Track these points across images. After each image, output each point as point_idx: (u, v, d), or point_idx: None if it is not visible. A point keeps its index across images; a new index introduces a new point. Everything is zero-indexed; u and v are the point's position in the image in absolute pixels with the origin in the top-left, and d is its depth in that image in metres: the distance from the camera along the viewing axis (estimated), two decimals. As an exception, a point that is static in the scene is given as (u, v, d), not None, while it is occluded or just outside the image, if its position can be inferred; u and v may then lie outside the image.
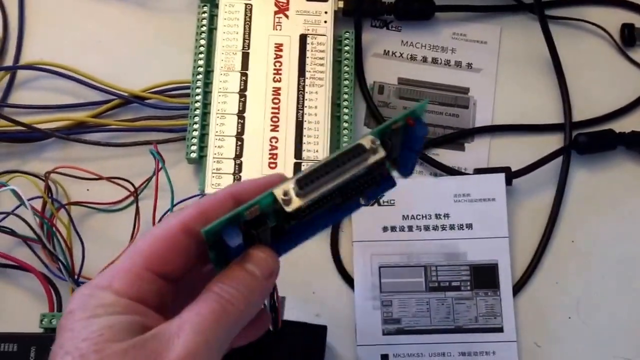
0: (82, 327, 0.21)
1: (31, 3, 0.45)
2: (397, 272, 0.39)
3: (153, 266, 0.23)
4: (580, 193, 0.42)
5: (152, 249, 0.23)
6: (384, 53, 0.45)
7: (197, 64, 0.41)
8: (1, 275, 0.38)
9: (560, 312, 0.40)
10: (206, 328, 0.21)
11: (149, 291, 0.22)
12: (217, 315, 0.22)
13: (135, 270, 0.22)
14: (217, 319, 0.22)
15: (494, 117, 0.44)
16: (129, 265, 0.22)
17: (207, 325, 0.21)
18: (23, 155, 0.41)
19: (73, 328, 0.21)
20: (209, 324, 0.21)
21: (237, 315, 0.23)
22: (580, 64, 0.45)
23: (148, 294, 0.22)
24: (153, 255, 0.23)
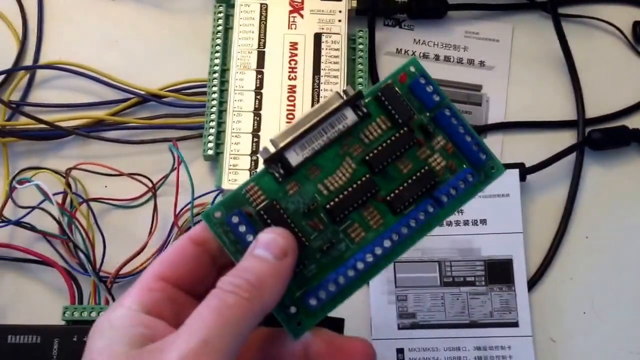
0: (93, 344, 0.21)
1: (50, 4, 0.46)
2: (412, 267, 0.39)
3: (164, 274, 0.23)
4: (594, 189, 0.42)
5: (162, 259, 0.23)
6: (396, 51, 0.46)
7: (214, 63, 0.42)
8: (22, 270, 0.39)
9: (575, 308, 0.40)
10: (201, 327, 0.20)
11: (161, 301, 0.22)
12: (217, 312, 0.20)
13: (145, 282, 0.22)
14: (217, 315, 0.20)
15: (506, 114, 0.44)
16: (141, 279, 0.23)
17: (202, 324, 0.20)
18: (43, 153, 0.42)
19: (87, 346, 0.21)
20: (206, 322, 0.20)
21: (245, 306, 0.21)
22: (593, 61, 0.45)
23: (160, 304, 0.22)
24: (163, 263, 0.23)
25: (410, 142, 0.24)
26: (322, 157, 0.24)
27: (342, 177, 0.24)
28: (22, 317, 0.38)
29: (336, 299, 0.24)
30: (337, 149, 0.24)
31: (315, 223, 0.24)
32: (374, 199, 0.24)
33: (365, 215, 0.24)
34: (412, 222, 0.24)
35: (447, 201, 0.24)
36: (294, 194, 0.24)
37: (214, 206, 0.23)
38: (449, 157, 0.25)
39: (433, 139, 0.25)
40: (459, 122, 0.25)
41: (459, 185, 0.25)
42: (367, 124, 0.24)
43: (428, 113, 0.25)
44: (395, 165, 0.25)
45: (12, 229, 0.39)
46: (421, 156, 0.25)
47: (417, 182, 0.24)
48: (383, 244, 0.24)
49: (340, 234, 0.24)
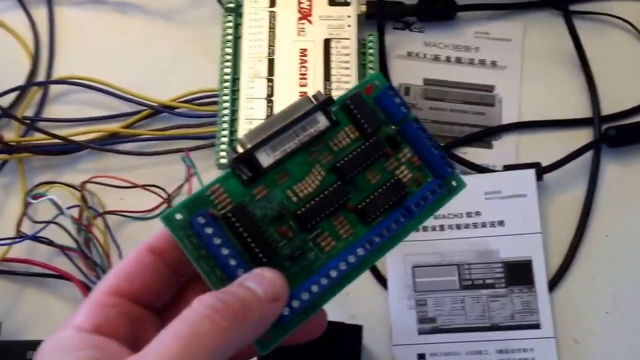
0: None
1: (60, 19, 0.47)
2: (431, 271, 0.39)
3: (119, 288, 0.20)
4: (612, 186, 0.42)
5: (116, 271, 0.21)
6: (407, 55, 0.46)
7: (224, 72, 0.42)
8: (41, 285, 0.39)
9: (598, 307, 0.39)
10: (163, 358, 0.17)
11: (114, 318, 0.20)
12: (184, 341, 0.17)
13: (97, 298, 0.20)
14: (184, 346, 0.17)
15: (520, 113, 0.44)
16: (92, 295, 0.20)
17: (165, 354, 0.17)
18: (58, 167, 0.42)
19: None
20: (169, 353, 0.17)
21: (219, 337, 0.18)
22: (606, 58, 0.45)
23: (113, 322, 0.20)
24: (118, 276, 0.21)
25: (379, 153, 0.25)
26: (291, 163, 0.23)
27: (311, 184, 0.24)
28: (41, 332, 0.38)
29: (307, 311, 0.22)
30: (305, 156, 0.24)
31: (285, 230, 0.23)
32: (344, 208, 0.24)
33: (335, 224, 0.24)
34: (385, 231, 0.24)
35: (417, 211, 0.24)
36: (261, 199, 0.23)
37: (175, 207, 0.21)
38: (415, 170, 0.25)
39: (400, 151, 0.25)
40: (425, 135, 0.25)
41: (428, 195, 0.25)
42: (335, 133, 0.24)
43: (394, 126, 0.25)
44: (364, 176, 0.24)
45: (30, 244, 0.39)
46: (389, 167, 0.25)
47: (387, 192, 0.24)
48: (356, 252, 0.23)
49: (310, 242, 0.23)
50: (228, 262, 0.21)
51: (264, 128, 0.23)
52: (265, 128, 0.23)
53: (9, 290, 0.39)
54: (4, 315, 0.38)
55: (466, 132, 0.43)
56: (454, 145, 0.43)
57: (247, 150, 0.22)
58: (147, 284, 0.21)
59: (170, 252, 0.22)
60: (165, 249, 0.21)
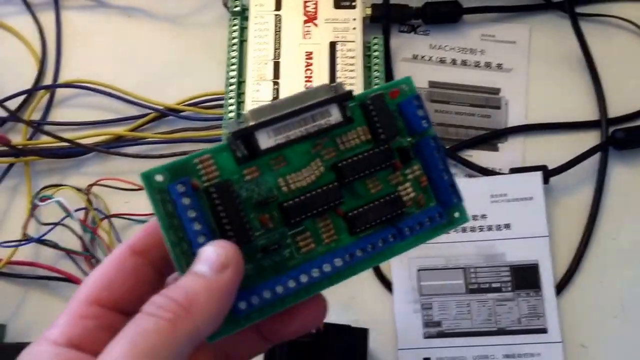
0: None
1: (67, 23, 0.47)
2: (436, 275, 0.39)
3: (98, 296, 0.19)
4: (619, 189, 0.41)
5: (96, 278, 0.20)
6: (413, 57, 0.45)
7: (230, 75, 0.42)
8: (46, 288, 0.39)
9: (606, 312, 0.39)
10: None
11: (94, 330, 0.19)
12: (130, 343, 0.17)
13: (75, 309, 0.19)
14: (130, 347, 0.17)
15: (527, 116, 0.44)
16: (71, 305, 0.19)
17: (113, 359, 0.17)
18: (65, 170, 0.42)
19: None
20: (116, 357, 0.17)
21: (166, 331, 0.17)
22: (613, 60, 0.44)
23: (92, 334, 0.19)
24: (97, 283, 0.19)
25: (387, 163, 0.23)
26: (291, 150, 0.22)
27: (306, 178, 0.22)
28: (47, 334, 0.38)
29: (265, 310, 0.21)
30: (308, 146, 0.22)
31: (266, 219, 0.21)
32: (334, 212, 0.22)
33: (320, 227, 0.22)
34: (369, 247, 0.22)
35: (409, 235, 0.22)
36: (250, 180, 0.21)
37: (157, 168, 0.20)
38: (420, 190, 0.23)
39: (409, 166, 0.23)
40: (440, 156, 0.23)
41: (425, 221, 0.23)
42: (346, 130, 0.22)
43: (410, 138, 0.23)
44: (364, 183, 0.23)
45: (35, 246, 0.39)
46: (393, 181, 0.23)
47: (383, 206, 0.22)
48: (334, 262, 0.21)
49: (289, 238, 0.22)
50: (196, 238, 0.20)
51: (272, 108, 0.21)
52: (274, 108, 0.21)
53: (14, 293, 0.39)
54: (9, 317, 0.39)
55: (472, 134, 0.43)
56: (459, 148, 0.42)
57: (248, 127, 0.21)
58: (129, 290, 0.20)
59: (154, 251, 0.20)
60: (148, 248, 0.20)
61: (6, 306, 0.39)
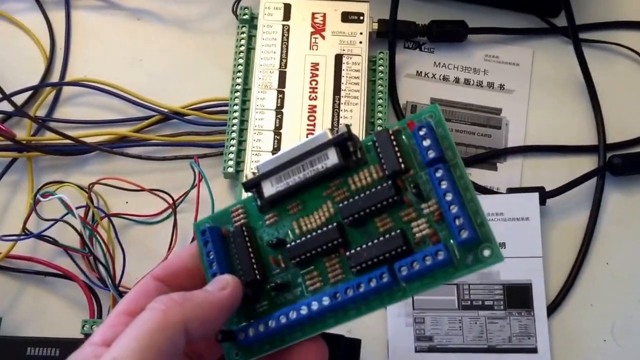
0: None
1: (77, 22, 0.47)
2: (430, 290, 0.39)
3: (128, 308, 0.23)
4: (614, 214, 0.42)
5: (125, 297, 0.24)
6: (416, 74, 0.46)
7: (235, 82, 0.43)
8: (43, 283, 0.40)
9: (596, 335, 0.39)
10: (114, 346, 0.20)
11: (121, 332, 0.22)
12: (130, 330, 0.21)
13: (109, 319, 0.23)
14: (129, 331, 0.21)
15: (526, 137, 0.44)
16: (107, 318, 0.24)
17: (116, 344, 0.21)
18: (67, 168, 0.43)
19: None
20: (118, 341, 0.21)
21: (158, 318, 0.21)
22: (614, 87, 0.45)
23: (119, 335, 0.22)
24: (126, 299, 0.24)
25: (391, 198, 0.21)
26: (308, 195, 0.23)
27: (316, 220, 0.23)
28: (41, 329, 0.38)
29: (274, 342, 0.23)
30: (322, 190, 0.23)
31: (277, 260, 0.23)
32: (340, 250, 0.22)
33: (327, 267, 0.22)
34: (354, 288, 0.21)
35: (401, 276, 0.20)
36: (270, 225, 0.24)
37: (203, 220, 0.25)
38: (436, 224, 0.21)
39: (425, 201, 0.21)
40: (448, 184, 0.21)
41: (423, 260, 0.20)
42: (358, 170, 0.22)
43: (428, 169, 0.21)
44: (372, 221, 0.22)
45: (34, 242, 0.39)
46: (405, 217, 0.21)
47: (382, 243, 0.21)
48: (321, 300, 0.21)
49: (300, 277, 0.23)
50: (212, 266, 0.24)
51: (279, 158, 0.23)
52: (279, 158, 0.23)
53: (11, 287, 0.39)
54: (5, 310, 0.39)
55: (471, 153, 0.44)
56: (459, 166, 0.43)
57: (254, 178, 0.24)
58: None
59: (172, 280, 0.24)
60: (168, 277, 0.24)
61: (2, 299, 0.39)
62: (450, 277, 0.21)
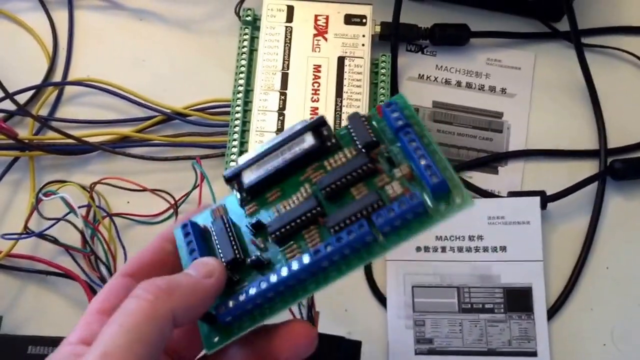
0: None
1: (80, 22, 0.47)
2: (430, 292, 0.39)
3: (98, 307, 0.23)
4: (615, 219, 0.42)
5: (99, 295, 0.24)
6: (418, 77, 0.46)
7: (238, 83, 0.43)
8: (44, 282, 0.40)
9: (595, 339, 0.39)
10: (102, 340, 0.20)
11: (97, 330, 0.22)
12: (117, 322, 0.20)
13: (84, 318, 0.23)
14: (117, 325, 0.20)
15: (527, 141, 0.44)
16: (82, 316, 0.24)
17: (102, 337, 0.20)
18: (69, 167, 0.43)
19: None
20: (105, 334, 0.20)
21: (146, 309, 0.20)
22: (615, 92, 0.45)
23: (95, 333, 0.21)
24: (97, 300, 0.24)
25: (365, 165, 0.22)
26: (286, 183, 0.24)
27: (295, 202, 0.23)
28: (42, 328, 0.38)
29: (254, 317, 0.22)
30: (300, 175, 0.24)
31: (255, 241, 0.24)
32: (317, 222, 0.23)
33: (305, 237, 0.23)
34: (337, 241, 0.21)
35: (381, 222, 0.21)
36: (251, 214, 0.24)
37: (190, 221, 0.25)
38: (408, 184, 0.22)
39: (398, 167, 0.22)
40: (417, 142, 0.22)
41: (398, 206, 0.21)
42: (334, 153, 0.24)
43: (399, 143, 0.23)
44: (348, 191, 0.23)
45: (35, 241, 0.39)
46: (379, 183, 0.22)
47: (359, 202, 0.22)
48: (301, 260, 0.22)
49: (279, 254, 0.23)
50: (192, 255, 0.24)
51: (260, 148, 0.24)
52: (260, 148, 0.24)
53: (12, 285, 0.40)
54: (6, 309, 0.39)
55: (473, 156, 0.44)
56: (460, 169, 0.43)
57: (234, 169, 0.24)
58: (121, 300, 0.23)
59: (142, 274, 0.24)
60: (137, 272, 0.24)
61: (3, 298, 0.39)
62: (425, 226, 0.21)
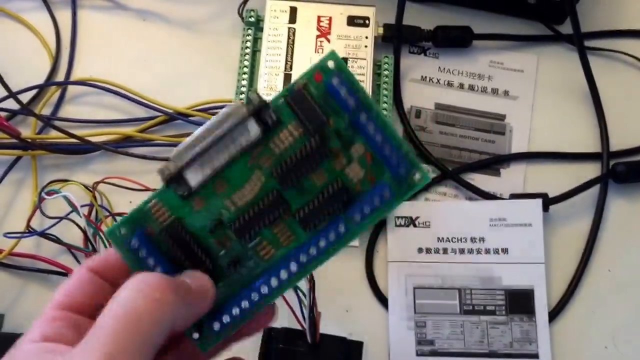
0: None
1: (83, 22, 0.47)
2: (432, 294, 0.39)
3: (64, 302, 0.22)
4: (617, 222, 0.42)
5: (61, 288, 0.23)
6: (421, 79, 0.46)
7: (241, 84, 0.43)
8: (46, 281, 0.40)
9: (597, 342, 0.39)
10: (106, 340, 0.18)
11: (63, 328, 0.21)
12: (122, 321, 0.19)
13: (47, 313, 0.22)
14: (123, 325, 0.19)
15: (530, 144, 0.44)
16: (43, 312, 0.22)
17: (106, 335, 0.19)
18: (71, 166, 0.43)
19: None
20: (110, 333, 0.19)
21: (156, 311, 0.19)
22: (617, 95, 0.45)
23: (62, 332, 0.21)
24: (61, 292, 0.23)
25: (323, 152, 0.22)
26: (230, 170, 0.22)
27: (250, 192, 0.22)
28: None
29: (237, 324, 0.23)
30: (245, 161, 0.22)
31: (221, 240, 0.23)
32: (284, 216, 0.22)
33: (275, 232, 0.23)
34: (322, 241, 0.22)
35: (360, 219, 0.22)
36: (199, 210, 0.23)
37: (119, 223, 0.23)
38: (368, 166, 0.22)
39: (351, 146, 0.22)
40: (379, 124, 0.22)
41: (374, 200, 0.22)
42: (277, 132, 0.22)
43: (347, 115, 0.22)
44: (308, 178, 0.22)
45: (37, 240, 0.39)
46: (337, 167, 0.22)
47: (329, 199, 0.22)
48: (289, 267, 0.22)
49: (249, 251, 0.23)
50: None
51: (194, 142, 0.22)
52: (195, 142, 0.22)
53: (14, 284, 0.40)
54: (7, 307, 0.39)
55: (475, 158, 0.44)
56: (462, 171, 0.43)
57: (176, 171, 0.22)
58: (87, 297, 0.22)
59: (108, 273, 0.23)
60: (103, 270, 0.23)
61: (5, 297, 0.39)
62: (391, 209, 0.22)
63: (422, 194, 0.43)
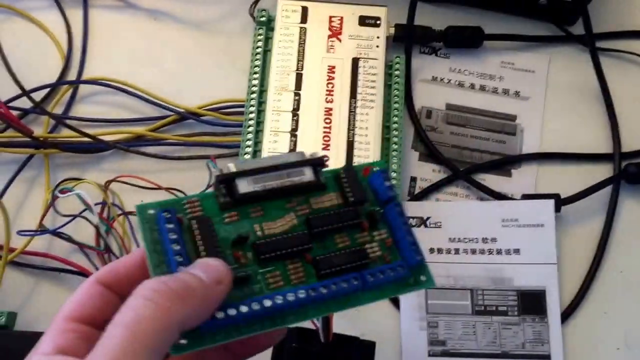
0: None
1: (94, 21, 0.48)
2: (444, 294, 0.39)
3: (75, 314, 0.22)
4: (629, 223, 0.42)
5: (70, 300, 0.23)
6: (432, 79, 0.46)
7: (252, 84, 0.43)
8: (58, 280, 0.40)
9: (609, 343, 0.39)
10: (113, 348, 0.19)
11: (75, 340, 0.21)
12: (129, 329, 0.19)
13: (57, 325, 0.22)
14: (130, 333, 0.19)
15: (541, 144, 0.44)
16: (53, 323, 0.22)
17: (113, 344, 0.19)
18: (83, 165, 0.43)
19: None
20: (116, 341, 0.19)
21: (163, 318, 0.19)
22: (629, 96, 0.45)
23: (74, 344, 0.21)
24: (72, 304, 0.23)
25: (354, 221, 0.25)
26: (270, 204, 0.24)
27: (280, 227, 0.24)
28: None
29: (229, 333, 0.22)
30: (285, 202, 0.25)
31: (239, 255, 0.23)
32: (304, 257, 0.24)
33: (289, 268, 0.24)
34: (333, 286, 0.23)
35: (371, 281, 0.24)
36: (229, 223, 0.24)
37: (151, 203, 0.23)
38: (386, 249, 0.25)
39: (376, 230, 0.25)
40: (402, 220, 0.25)
41: (388, 272, 0.24)
42: (320, 194, 0.25)
43: (379, 208, 0.26)
44: (332, 237, 0.25)
45: (49, 238, 0.39)
46: (360, 239, 0.25)
47: (349, 255, 0.24)
48: (297, 293, 0.23)
49: (259, 275, 0.23)
50: (174, 258, 0.22)
51: (255, 162, 0.25)
52: (256, 162, 0.25)
53: (26, 282, 0.40)
54: (20, 306, 0.39)
55: (486, 159, 0.44)
56: (473, 171, 0.43)
57: (230, 173, 0.24)
58: (99, 309, 0.22)
59: (117, 286, 0.23)
60: (111, 281, 0.23)
61: (18, 295, 0.39)
62: (394, 293, 0.25)
63: (433, 194, 0.43)
